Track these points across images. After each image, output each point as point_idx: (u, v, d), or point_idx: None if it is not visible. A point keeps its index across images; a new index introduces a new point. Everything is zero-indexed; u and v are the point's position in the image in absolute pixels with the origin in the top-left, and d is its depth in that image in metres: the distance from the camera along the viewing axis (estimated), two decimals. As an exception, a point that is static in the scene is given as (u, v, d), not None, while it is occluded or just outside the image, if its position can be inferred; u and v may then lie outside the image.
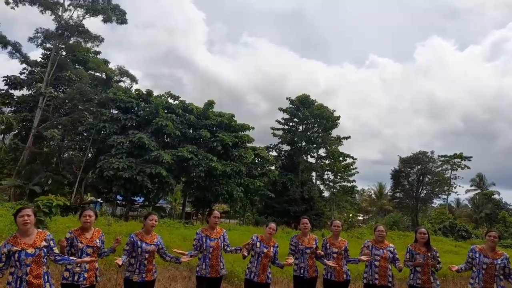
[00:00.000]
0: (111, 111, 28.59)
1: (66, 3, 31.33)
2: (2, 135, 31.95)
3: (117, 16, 32.07)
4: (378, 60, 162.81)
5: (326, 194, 43.16)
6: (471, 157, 48.97)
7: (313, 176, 42.57)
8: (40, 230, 3.88)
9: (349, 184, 41.98)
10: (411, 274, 5.26)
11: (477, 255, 4.97)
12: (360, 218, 59.22)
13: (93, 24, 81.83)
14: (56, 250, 3.89)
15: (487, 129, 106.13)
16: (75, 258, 3.97)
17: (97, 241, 4.37)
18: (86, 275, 4.18)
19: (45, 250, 3.73)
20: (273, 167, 36.24)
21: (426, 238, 5.26)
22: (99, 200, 33.76)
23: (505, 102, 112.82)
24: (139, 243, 4.59)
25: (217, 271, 4.92)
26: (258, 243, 5.05)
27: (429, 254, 5.17)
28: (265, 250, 5.00)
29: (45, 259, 3.74)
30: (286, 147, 40.56)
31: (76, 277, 4.13)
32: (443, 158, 49.52)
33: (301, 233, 5.45)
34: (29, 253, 3.62)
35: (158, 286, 7.06)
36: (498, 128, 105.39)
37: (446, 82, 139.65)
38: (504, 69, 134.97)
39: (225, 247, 5.11)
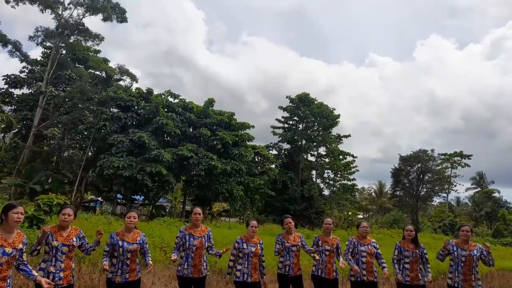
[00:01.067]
0: (111, 109, 28.58)
1: (66, 2, 31.31)
2: (3, 134, 32.01)
3: (117, 14, 32.02)
4: (378, 59, 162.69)
5: (326, 192, 43.21)
6: (471, 155, 49.06)
7: (313, 174, 42.62)
8: (19, 231, 3.64)
9: (349, 183, 41.92)
10: (400, 272, 5.27)
11: (455, 249, 5.12)
12: (360, 216, 59.22)
13: (93, 22, 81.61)
14: (24, 256, 3.63)
15: (487, 127, 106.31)
16: (36, 275, 3.61)
17: (74, 239, 4.15)
18: (62, 275, 3.98)
19: (19, 253, 3.51)
20: (273, 166, 36.31)
21: (413, 235, 5.31)
22: (99, 198, 33.79)
23: (505, 100, 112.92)
24: (120, 243, 4.40)
25: (200, 271, 4.74)
26: (244, 245, 4.97)
27: (417, 251, 5.22)
28: (253, 249, 4.95)
29: (15, 262, 3.51)
30: (286, 146, 40.61)
31: (51, 277, 3.89)
32: (443, 157, 49.51)
33: (286, 232, 5.46)
34: (7, 252, 3.37)
35: (159, 284, 7.09)
36: (498, 126, 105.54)
37: (446, 81, 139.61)
38: (504, 67, 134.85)
39: (209, 249, 4.96)
